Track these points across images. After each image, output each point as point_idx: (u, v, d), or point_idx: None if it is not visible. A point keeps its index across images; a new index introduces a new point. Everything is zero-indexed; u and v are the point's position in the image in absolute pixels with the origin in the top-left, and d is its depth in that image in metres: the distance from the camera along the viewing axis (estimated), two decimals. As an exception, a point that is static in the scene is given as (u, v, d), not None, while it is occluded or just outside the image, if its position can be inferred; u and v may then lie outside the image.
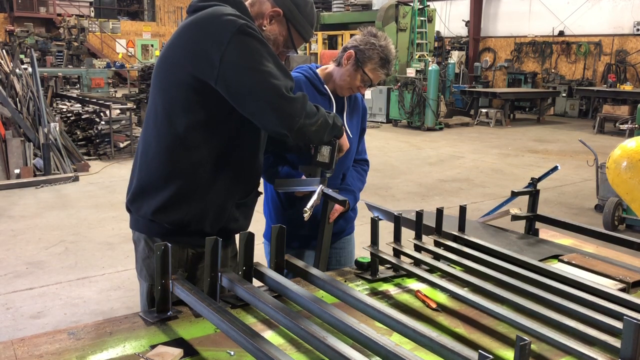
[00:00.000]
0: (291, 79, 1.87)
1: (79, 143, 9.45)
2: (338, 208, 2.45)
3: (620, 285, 2.03)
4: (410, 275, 2.12)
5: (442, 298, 1.93)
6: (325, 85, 2.48)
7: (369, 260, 2.13)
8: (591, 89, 16.46)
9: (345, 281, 2.04)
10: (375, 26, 2.53)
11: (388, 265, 2.19)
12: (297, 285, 1.77)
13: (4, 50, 9.39)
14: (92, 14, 25.85)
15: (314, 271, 1.92)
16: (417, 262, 2.16)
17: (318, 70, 2.53)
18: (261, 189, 2.31)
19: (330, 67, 2.51)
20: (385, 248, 2.16)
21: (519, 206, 2.67)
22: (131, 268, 4.65)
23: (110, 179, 8.05)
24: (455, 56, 19.70)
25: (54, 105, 11.02)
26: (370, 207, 2.75)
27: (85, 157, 8.68)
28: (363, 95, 2.56)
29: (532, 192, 2.62)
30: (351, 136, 2.51)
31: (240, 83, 1.75)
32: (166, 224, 1.94)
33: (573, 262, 2.25)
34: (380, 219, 2.20)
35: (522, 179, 8.16)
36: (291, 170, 2.45)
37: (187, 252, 1.98)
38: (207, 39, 1.76)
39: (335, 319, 1.52)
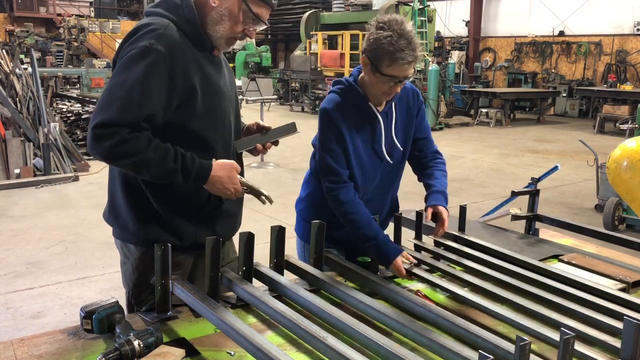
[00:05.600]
0: (133, 115, 1.72)
1: (79, 143, 9.44)
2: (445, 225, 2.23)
3: (620, 285, 2.03)
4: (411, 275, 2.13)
5: (442, 298, 1.93)
6: (369, 102, 2.19)
7: (369, 260, 2.14)
8: (591, 89, 16.44)
9: (346, 281, 2.04)
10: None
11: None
12: (297, 285, 1.78)
13: (4, 50, 9.39)
14: (92, 14, 25.83)
15: (314, 271, 1.92)
16: (417, 262, 2.17)
17: (360, 81, 2.20)
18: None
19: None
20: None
21: (519, 206, 2.68)
22: (131, 268, 4.65)
23: (110, 179, 7.99)
24: (455, 56, 19.68)
25: (54, 105, 11.02)
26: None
27: (85, 157, 8.68)
28: (397, 92, 2.14)
29: (532, 192, 2.62)
30: (401, 149, 2.29)
31: (105, 86, 1.83)
32: (135, 235, 1.94)
33: (573, 262, 2.25)
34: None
35: (522, 179, 8.16)
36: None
37: None
38: (121, 48, 1.82)
39: (335, 319, 1.52)
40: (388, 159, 2.25)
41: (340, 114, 2.15)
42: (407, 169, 2.41)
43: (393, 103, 2.25)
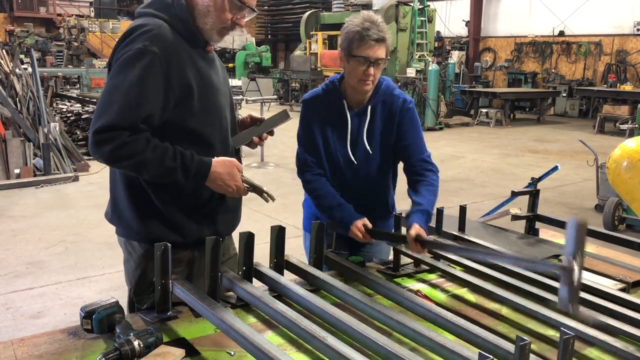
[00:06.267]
0: (131, 117, 1.72)
1: (79, 143, 9.43)
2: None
3: (620, 285, 2.03)
4: (411, 275, 2.13)
5: (442, 298, 1.93)
6: (344, 100, 2.31)
7: (362, 259, 2.16)
8: (591, 89, 16.44)
9: (346, 281, 2.04)
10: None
11: (390, 265, 2.20)
12: (297, 285, 1.77)
13: (4, 50, 9.39)
14: (92, 14, 25.83)
15: (314, 271, 1.92)
16: (417, 262, 2.17)
17: (342, 81, 2.34)
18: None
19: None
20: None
21: (519, 206, 2.67)
22: (131, 268, 4.65)
23: (110, 179, 7.98)
24: (455, 56, 19.68)
25: (54, 105, 11.01)
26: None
27: (85, 157, 8.68)
28: (374, 78, 2.21)
29: (532, 192, 2.62)
30: (370, 152, 2.32)
31: (102, 89, 1.85)
32: (138, 234, 1.95)
33: (573, 262, 2.25)
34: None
35: (522, 179, 8.15)
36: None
37: None
38: (116, 50, 1.85)
39: (335, 319, 1.52)
40: (352, 158, 2.32)
41: (312, 106, 2.34)
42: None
43: (370, 106, 2.30)
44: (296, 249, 2.50)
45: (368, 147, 2.32)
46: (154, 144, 1.77)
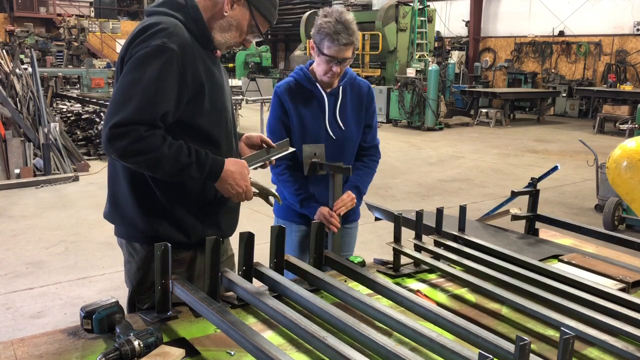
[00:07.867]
0: (150, 113, 1.73)
1: (79, 143, 9.44)
2: (345, 203, 2.53)
3: (620, 285, 2.03)
4: (411, 275, 2.13)
5: (442, 298, 1.93)
6: (317, 83, 2.55)
7: (362, 259, 2.16)
8: (591, 89, 16.44)
9: (345, 281, 2.04)
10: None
11: (390, 266, 2.20)
12: (297, 285, 1.77)
13: (4, 50, 9.38)
14: (92, 14, 25.85)
15: (314, 271, 1.92)
16: (417, 262, 2.17)
17: (311, 68, 2.59)
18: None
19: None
20: (386, 248, 2.16)
21: (519, 206, 2.67)
22: (131, 268, 4.65)
23: (110, 179, 7.96)
24: (455, 56, 19.68)
25: (54, 105, 11.02)
26: (371, 207, 2.75)
27: (85, 157, 8.68)
28: (338, 73, 2.48)
29: (532, 192, 2.62)
30: (343, 128, 2.58)
31: (117, 84, 1.82)
32: (142, 233, 1.95)
33: (573, 262, 2.25)
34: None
35: (522, 179, 8.15)
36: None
37: None
38: (130, 45, 1.82)
39: (335, 319, 1.52)
40: (330, 132, 2.56)
41: (286, 94, 2.55)
42: (408, 170, 2.42)
43: (341, 87, 2.58)
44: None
45: (341, 123, 2.58)
46: (170, 140, 1.78)
